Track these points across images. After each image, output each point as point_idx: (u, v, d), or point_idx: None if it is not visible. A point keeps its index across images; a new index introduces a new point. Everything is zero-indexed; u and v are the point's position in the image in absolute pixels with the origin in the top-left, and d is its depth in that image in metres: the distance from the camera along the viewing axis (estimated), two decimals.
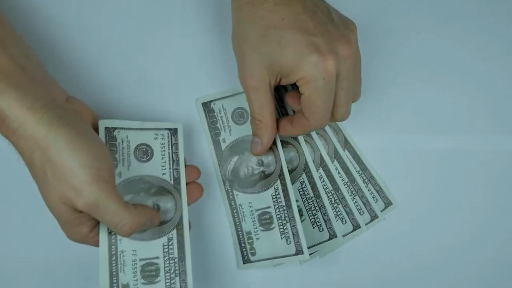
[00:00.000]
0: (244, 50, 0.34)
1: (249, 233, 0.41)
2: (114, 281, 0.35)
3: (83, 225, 0.33)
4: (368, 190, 0.44)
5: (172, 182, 0.38)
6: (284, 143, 0.43)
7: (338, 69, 0.33)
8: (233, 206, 0.41)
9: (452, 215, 0.44)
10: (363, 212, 0.43)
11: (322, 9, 0.35)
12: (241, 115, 0.42)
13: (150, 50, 0.43)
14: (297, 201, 0.42)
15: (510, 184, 0.44)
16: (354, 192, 0.43)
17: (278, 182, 0.41)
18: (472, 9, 0.45)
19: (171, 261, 0.36)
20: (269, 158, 0.41)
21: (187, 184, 0.38)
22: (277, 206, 0.40)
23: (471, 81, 0.45)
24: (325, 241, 0.42)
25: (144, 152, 0.38)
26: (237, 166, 0.42)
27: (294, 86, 0.36)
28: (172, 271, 0.36)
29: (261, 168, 0.41)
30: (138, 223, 0.33)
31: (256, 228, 0.41)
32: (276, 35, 0.33)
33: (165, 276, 0.36)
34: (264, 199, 0.41)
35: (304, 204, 0.43)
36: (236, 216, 0.41)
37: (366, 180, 0.44)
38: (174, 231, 0.37)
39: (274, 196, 0.41)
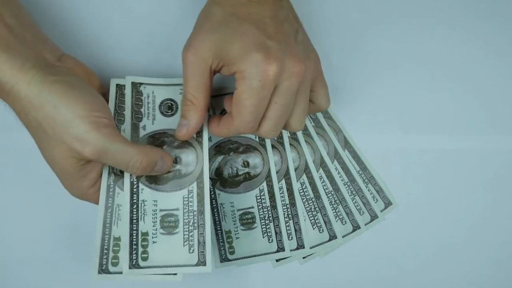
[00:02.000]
0: (204, 25, 0.34)
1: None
2: (134, 228, 0.36)
3: (84, 178, 0.34)
4: (368, 190, 0.44)
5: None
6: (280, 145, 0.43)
7: (278, 80, 0.32)
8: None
9: (452, 215, 0.44)
10: (363, 212, 0.43)
11: (291, 25, 0.35)
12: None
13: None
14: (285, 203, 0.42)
15: (510, 184, 0.44)
16: (354, 192, 0.43)
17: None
18: (472, 9, 0.45)
19: (190, 214, 0.37)
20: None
21: None
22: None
23: (471, 81, 0.45)
24: (325, 242, 0.42)
25: (169, 107, 0.39)
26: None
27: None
28: (191, 223, 0.37)
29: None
30: (148, 159, 0.34)
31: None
32: (237, 24, 0.33)
33: (184, 228, 0.37)
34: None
35: (304, 205, 0.43)
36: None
37: (366, 180, 0.44)
38: (195, 184, 0.37)
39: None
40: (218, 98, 0.42)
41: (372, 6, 0.45)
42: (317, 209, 0.43)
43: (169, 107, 0.39)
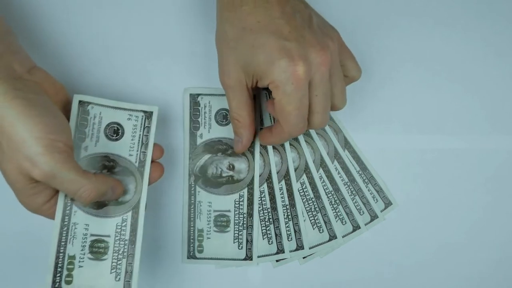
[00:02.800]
0: (223, 49, 0.35)
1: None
2: (62, 251, 0.36)
3: (38, 195, 0.34)
4: (368, 190, 0.44)
5: (137, 164, 0.38)
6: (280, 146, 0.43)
7: (309, 76, 0.33)
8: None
9: (452, 215, 0.44)
10: (363, 212, 0.43)
11: (302, 14, 0.34)
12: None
13: (139, 28, 0.43)
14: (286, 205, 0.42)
15: (510, 184, 0.44)
16: (354, 192, 0.43)
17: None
18: (472, 9, 0.45)
19: (121, 242, 0.37)
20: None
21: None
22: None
23: (471, 81, 0.45)
24: (325, 242, 0.42)
25: (115, 131, 0.38)
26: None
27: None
28: (120, 252, 0.37)
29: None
30: (98, 190, 0.33)
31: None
32: (251, 37, 0.33)
33: (113, 256, 0.36)
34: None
35: (304, 205, 0.43)
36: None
37: (366, 180, 0.44)
38: (130, 213, 0.37)
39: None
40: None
41: (372, 6, 0.44)
42: (317, 209, 0.43)
43: (114, 131, 0.38)
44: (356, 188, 0.43)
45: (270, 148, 0.42)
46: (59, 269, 0.35)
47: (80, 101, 0.37)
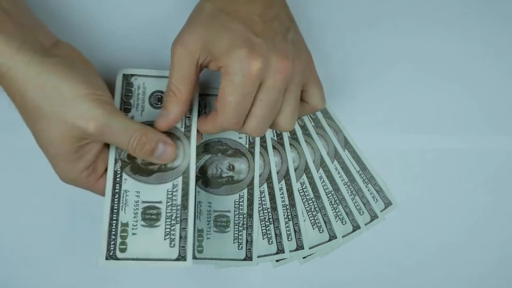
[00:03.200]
0: (194, 20, 0.34)
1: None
2: (114, 218, 0.36)
3: (80, 159, 0.34)
4: (368, 190, 0.44)
5: (183, 129, 0.38)
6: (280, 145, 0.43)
7: (262, 77, 0.32)
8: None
9: (452, 215, 0.44)
10: (363, 212, 0.43)
11: (282, 23, 0.34)
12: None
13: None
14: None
15: (510, 184, 0.44)
16: (354, 192, 0.43)
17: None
18: (471, 9, 0.45)
19: (173, 208, 0.36)
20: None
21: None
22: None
23: (470, 81, 0.45)
24: (325, 242, 0.42)
25: (159, 99, 0.39)
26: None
27: None
28: (173, 217, 0.36)
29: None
30: (149, 137, 0.34)
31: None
32: (224, 19, 0.33)
33: (166, 222, 0.36)
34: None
35: (304, 205, 0.43)
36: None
37: (366, 180, 0.44)
38: (180, 178, 0.37)
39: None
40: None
41: (372, 6, 0.44)
42: (317, 209, 0.43)
43: (158, 99, 0.39)
44: (356, 188, 0.43)
45: (270, 148, 0.42)
46: (113, 237, 0.35)
47: (123, 74, 0.39)
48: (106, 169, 0.36)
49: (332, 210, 0.43)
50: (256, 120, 0.34)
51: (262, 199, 0.42)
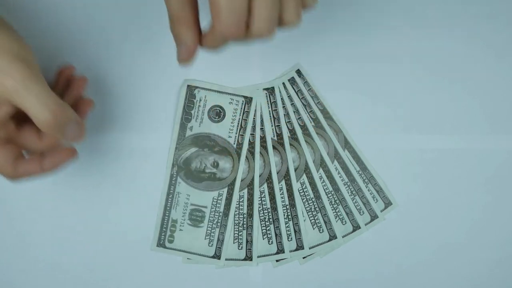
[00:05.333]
0: None
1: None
2: (167, 214, 0.42)
3: None
4: (368, 190, 0.44)
5: (235, 145, 0.42)
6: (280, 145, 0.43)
7: None
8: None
9: (452, 215, 0.44)
10: (363, 212, 0.43)
11: None
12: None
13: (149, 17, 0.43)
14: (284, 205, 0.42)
15: (510, 184, 0.44)
16: (354, 192, 0.43)
17: (225, 190, 0.42)
18: (472, 9, 0.45)
19: (216, 214, 0.42)
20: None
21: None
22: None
23: (471, 81, 0.45)
24: (325, 242, 0.42)
25: (217, 113, 0.42)
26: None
27: None
28: (214, 222, 0.42)
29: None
30: (62, 113, 0.31)
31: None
32: None
33: (208, 225, 0.42)
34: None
35: (304, 205, 0.43)
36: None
37: (366, 180, 0.44)
38: (226, 189, 0.42)
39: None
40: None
41: (372, 5, 0.44)
42: (317, 209, 0.43)
43: (217, 113, 0.42)
44: (356, 188, 0.43)
45: (270, 148, 0.42)
46: (163, 229, 0.42)
47: (188, 85, 0.42)
48: (18, 151, 0.34)
49: (332, 210, 0.43)
50: (261, 17, 0.29)
51: (262, 199, 0.42)
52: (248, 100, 0.42)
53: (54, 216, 0.42)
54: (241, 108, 0.42)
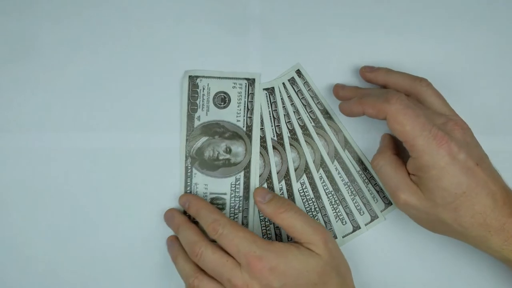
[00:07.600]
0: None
1: None
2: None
3: None
4: (368, 190, 0.44)
5: (244, 128, 0.42)
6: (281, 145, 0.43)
7: None
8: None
9: None
10: (363, 212, 0.43)
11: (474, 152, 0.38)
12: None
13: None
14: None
15: (510, 184, 0.44)
16: (354, 192, 0.43)
17: (242, 173, 0.42)
18: (472, 9, 0.45)
19: (236, 199, 0.42)
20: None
21: None
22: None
23: (471, 81, 0.45)
24: None
25: (222, 99, 0.42)
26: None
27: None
28: (236, 207, 0.42)
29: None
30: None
31: None
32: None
33: (230, 211, 0.42)
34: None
35: (304, 205, 0.43)
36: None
37: (366, 180, 0.44)
38: (242, 173, 0.42)
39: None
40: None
41: (372, 5, 0.44)
42: (317, 209, 0.43)
43: (222, 99, 0.42)
44: (356, 188, 0.44)
45: (270, 148, 0.42)
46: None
47: (189, 76, 0.42)
48: None
49: (332, 210, 0.43)
50: None
51: None
52: (251, 82, 0.42)
53: (55, 216, 0.42)
54: (245, 91, 0.42)
